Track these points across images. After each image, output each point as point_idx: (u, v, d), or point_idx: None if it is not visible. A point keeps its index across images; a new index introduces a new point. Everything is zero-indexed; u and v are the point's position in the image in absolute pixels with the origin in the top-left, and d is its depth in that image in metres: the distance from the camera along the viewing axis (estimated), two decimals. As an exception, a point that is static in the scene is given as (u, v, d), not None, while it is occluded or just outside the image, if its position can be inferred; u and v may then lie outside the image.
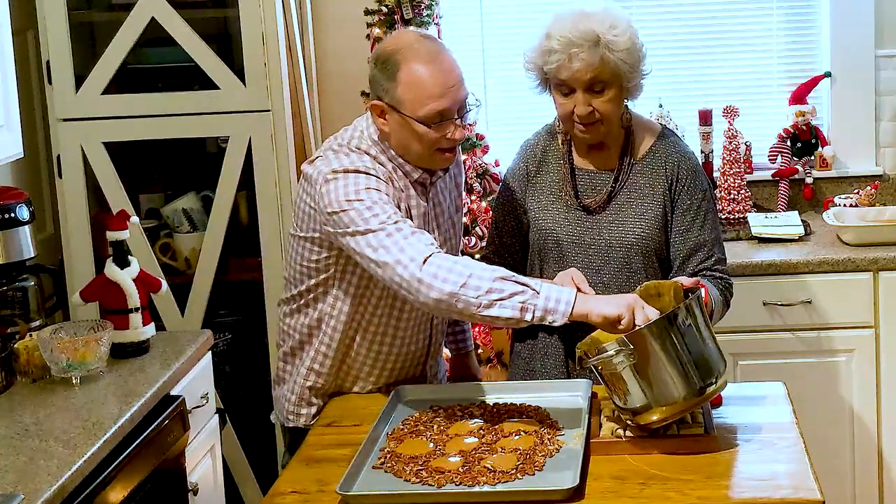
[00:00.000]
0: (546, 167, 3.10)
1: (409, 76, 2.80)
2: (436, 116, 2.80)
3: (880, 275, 3.91)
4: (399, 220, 2.73)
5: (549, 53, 2.92)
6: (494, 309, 2.62)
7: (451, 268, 2.65)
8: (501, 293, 2.62)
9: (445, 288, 2.63)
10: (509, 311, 2.62)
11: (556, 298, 2.61)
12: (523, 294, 2.62)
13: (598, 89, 2.93)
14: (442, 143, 2.84)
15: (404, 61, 2.80)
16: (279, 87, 3.89)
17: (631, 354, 2.49)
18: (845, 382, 3.97)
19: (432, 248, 2.70)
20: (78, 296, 3.19)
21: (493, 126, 4.47)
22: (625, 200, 3.04)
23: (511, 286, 2.63)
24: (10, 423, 2.75)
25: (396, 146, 2.88)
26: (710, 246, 3.03)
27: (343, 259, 2.89)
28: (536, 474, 2.48)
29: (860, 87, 4.39)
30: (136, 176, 4.14)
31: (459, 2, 4.46)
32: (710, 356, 2.55)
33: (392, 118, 2.84)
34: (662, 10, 4.47)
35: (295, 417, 3.06)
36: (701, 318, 2.56)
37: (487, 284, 2.62)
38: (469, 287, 2.62)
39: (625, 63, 2.91)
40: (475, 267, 2.67)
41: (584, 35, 2.88)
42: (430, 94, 2.79)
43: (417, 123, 2.81)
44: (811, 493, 2.37)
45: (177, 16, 3.87)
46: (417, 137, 2.83)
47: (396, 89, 2.81)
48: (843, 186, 4.42)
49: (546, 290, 2.63)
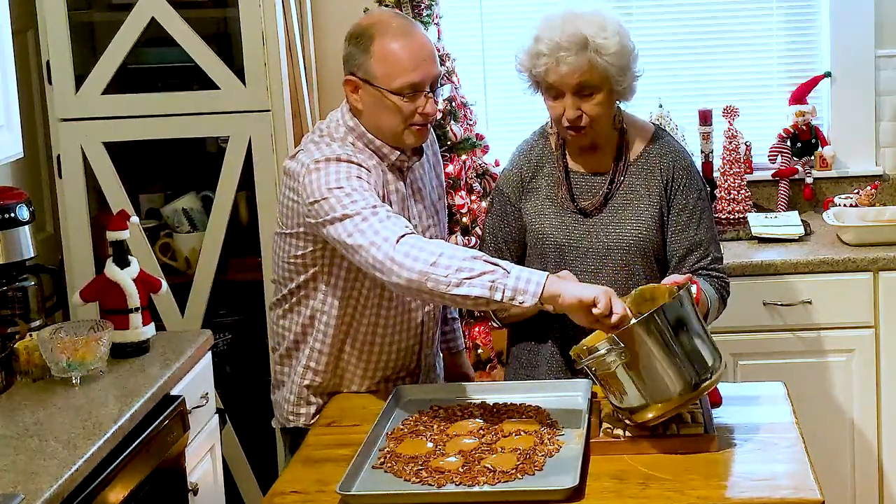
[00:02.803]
0: (541, 171, 3.09)
1: (383, 49, 2.86)
2: (408, 88, 2.86)
3: (880, 275, 3.91)
4: (377, 205, 2.75)
5: (537, 57, 2.92)
6: (464, 287, 2.63)
7: (423, 247, 2.67)
8: (471, 272, 2.63)
9: (416, 266, 2.64)
10: (478, 289, 2.63)
11: (527, 279, 2.63)
12: (493, 273, 2.63)
13: (587, 93, 2.92)
14: (414, 119, 2.88)
15: (378, 35, 2.87)
16: (279, 87, 3.89)
17: (622, 353, 2.49)
18: (845, 382, 3.97)
19: (406, 230, 2.72)
20: (78, 296, 3.19)
21: (493, 126, 4.47)
22: (621, 202, 3.04)
23: (481, 265, 2.64)
24: (10, 423, 2.75)
25: (369, 123, 2.91)
26: (707, 245, 3.03)
27: (328, 252, 2.91)
28: (536, 474, 2.48)
29: (860, 87, 4.39)
30: (136, 176, 4.14)
31: (459, 2, 4.46)
32: (702, 350, 2.55)
33: (365, 92, 2.89)
34: (662, 10, 4.47)
35: (295, 417, 3.06)
36: (692, 312, 2.55)
37: (458, 263, 2.64)
38: (439, 266, 2.64)
39: (613, 66, 2.90)
40: (447, 248, 2.68)
41: (572, 38, 2.87)
42: (404, 67, 2.85)
43: (391, 95, 2.85)
44: (811, 493, 2.38)
45: (177, 16, 3.87)
46: (390, 111, 2.87)
47: (370, 63, 2.86)
48: (843, 186, 4.42)
49: (517, 270, 2.65)
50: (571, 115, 2.93)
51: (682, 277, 2.76)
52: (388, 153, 2.94)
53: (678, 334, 2.51)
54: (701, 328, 2.57)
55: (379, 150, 2.93)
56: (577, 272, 2.94)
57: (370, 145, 2.93)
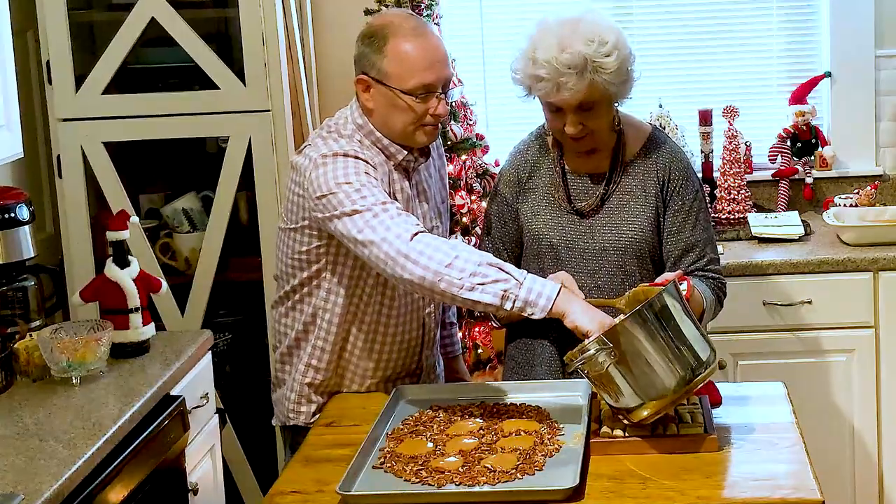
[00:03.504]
0: (537, 172, 3.09)
1: (397, 50, 2.86)
2: (421, 89, 2.86)
3: (880, 275, 3.91)
4: (387, 202, 2.76)
5: (536, 80, 2.89)
6: (476, 293, 2.65)
7: (439, 247, 2.69)
8: (485, 278, 2.65)
9: (431, 265, 2.66)
10: (490, 296, 2.65)
11: (539, 292, 2.65)
12: (507, 282, 2.65)
13: (588, 108, 2.91)
14: (425, 119, 2.89)
15: (392, 36, 2.87)
16: (279, 87, 3.89)
17: (611, 352, 2.49)
18: (845, 382, 3.97)
19: (419, 227, 2.73)
20: (78, 296, 3.19)
21: (493, 126, 4.47)
22: (617, 203, 3.03)
23: (495, 272, 2.66)
24: (10, 423, 2.75)
25: (379, 122, 2.92)
26: (703, 246, 3.03)
27: (334, 247, 2.91)
28: (536, 474, 2.48)
29: (860, 87, 4.39)
30: (136, 176, 4.14)
31: (459, 2, 4.46)
32: (693, 344, 2.54)
33: (377, 92, 2.89)
34: (662, 10, 4.47)
35: (295, 416, 3.06)
36: (680, 307, 2.55)
37: (472, 268, 2.66)
38: (454, 268, 2.65)
39: (613, 84, 2.89)
40: (462, 249, 2.70)
41: (572, 62, 2.83)
42: (417, 67, 2.86)
43: (403, 95, 2.86)
44: (811, 493, 2.38)
45: (177, 16, 3.87)
46: (402, 110, 2.88)
47: (383, 62, 2.87)
48: (843, 186, 4.42)
49: (530, 281, 2.67)
50: (573, 130, 2.93)
51: (673, 275, 2.75)
52: (396, 152, 2.94)
53: (667, 329, 2.51)
54: (691, 322, 2.56)
55: (386, 149, 2.93)
56: (573, 273, 2.94)
57: (378, 143, 2.93)
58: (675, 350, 2.52)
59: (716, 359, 2.59)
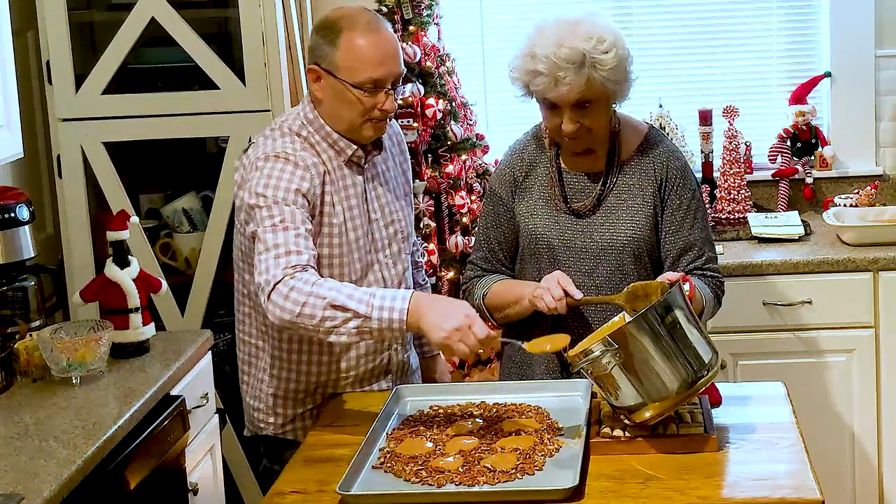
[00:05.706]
0: (534, 172, 3.09)
1: (349, 43, 2.86)
2: (370, 83, 2.86)
3: (880, 275, 3.91)
4: (289, 226, 2.75)
5: (534, 75, 2.90)
6: (334, 336, 2.68)
7: (288, 295, 2.67)
8: (334, 321, 2.66)
9: (285, 316, 2.68)
10: (346, 337, 2.68)
11: (389, 318, 2.65)
12: (356, 319, 2.65)
13: (585, 105, 2.91)
14: (373, 113, 2.89)
15: (346, 29, 2.87)
16: (279, 87, 3.89)
17: (617, 354, 2.49)
18: (845, 382, 3.97)
19: (290, 271, 2.70)
20: (78, 296, 3.19)
21: (493, 126, 4.47)
22: (614, 203, 3.03)
23: (342, 314, 2.65)
24: (10, 423, 2.76)
25: (328, 114, 2.92)
26: (701, 245, 3.03)
27: None
28: (536, 474, 2.48)
29: (860, 87, 4.40)
30: (136, 176, 4.14)
31: (459, 2, 4.46)
32: (698, 346, 2.54)
33: (327, 83, 2.90)
34: (662, 10, 4.47)
35: (265, 425, 3.05)
36: (685, 309, 2.55)
37: (319, 314, 2.66)
38: (304, 316, 2.66)
39: (611, 81, 2.89)
40: (313, 295, 2.66)
41: (570, 57, 2.85)
42: (368, 62, 2.86)
43: (352, 88, 2.86)
44: (811, 493, 2.37)
45: (177, 16, 3.87)
46: (350, 104, 2.88)
47: (335, 55, 2.87)
48: (843, 186, 4.42)
49: (377, 311, 2.65)
50: (570, 128, 2.93)
51: (676, 275, 2.76)
52: (345, 147, 2.93)
53: (672, 332, 2.51)
54: (695, 325, 2.56)
55: (336, 144, 2.93)
56: (570, 272, 2.94)
57: (327, 139, 2.93)
58: (679, 352, 2.52)
59: (719, 361, 2.59)
